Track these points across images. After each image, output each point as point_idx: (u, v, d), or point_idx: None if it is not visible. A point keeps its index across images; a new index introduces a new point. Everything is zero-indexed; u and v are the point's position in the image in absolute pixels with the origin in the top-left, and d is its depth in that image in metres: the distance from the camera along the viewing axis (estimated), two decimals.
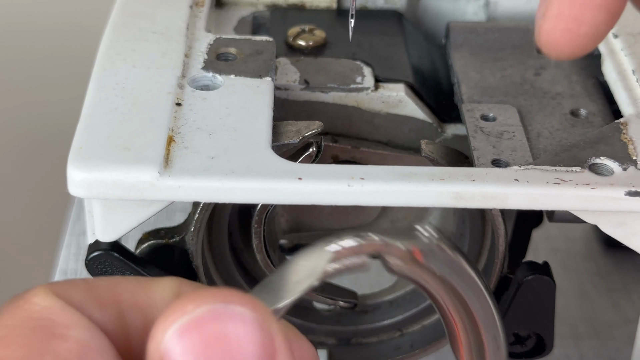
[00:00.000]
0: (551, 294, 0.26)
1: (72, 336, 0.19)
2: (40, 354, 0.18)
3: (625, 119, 0.27)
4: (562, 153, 0.26)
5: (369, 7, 0.33)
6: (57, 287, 0.20)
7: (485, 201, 0.24)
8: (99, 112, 0.25)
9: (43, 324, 0.19)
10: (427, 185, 0.23)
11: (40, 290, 0.20)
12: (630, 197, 0.24)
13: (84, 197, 0.23)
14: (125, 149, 0.23)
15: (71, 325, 0.19)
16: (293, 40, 0.30)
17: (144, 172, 0.23)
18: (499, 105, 0.28)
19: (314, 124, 0.26)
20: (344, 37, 0.30)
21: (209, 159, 0.23)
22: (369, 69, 0.29)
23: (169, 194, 0.23)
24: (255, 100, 0.26)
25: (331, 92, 0.28)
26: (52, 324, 0.19)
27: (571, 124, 0.27)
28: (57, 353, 0.18)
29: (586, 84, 0.29)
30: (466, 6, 0.33)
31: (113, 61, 0.27)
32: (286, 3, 0.32)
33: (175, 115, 0.25)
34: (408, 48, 0.30)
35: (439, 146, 0.27)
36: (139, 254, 0.26)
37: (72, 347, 0.18)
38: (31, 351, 0.18)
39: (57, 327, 0.19)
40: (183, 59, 0.27)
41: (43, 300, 0.19)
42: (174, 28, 0.28)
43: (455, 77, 0.29)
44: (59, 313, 0.19)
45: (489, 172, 0.24)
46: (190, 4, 0.30)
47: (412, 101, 0.28)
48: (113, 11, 0.29)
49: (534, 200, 0.24)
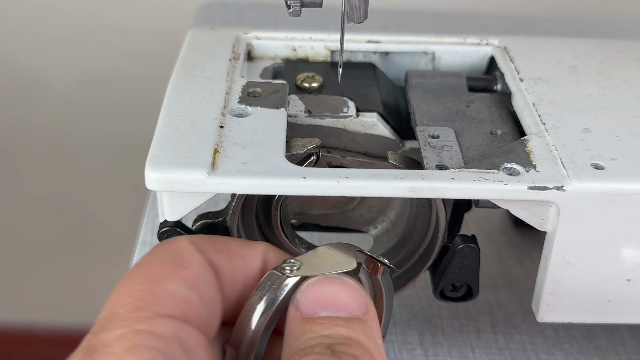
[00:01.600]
0: (477, 257, 0.26)
1: (192, 269, 0.20)
2: (169, 275, 0.19)
3: (528, 136, 0.27)
4: (484, 160, 0.26)
5: (352, 60, 0.33)
6: (192, 237, 0.21)
7: (432, 193, 0.24)
8: (167, 131, 0.25)
9: (176, 257, 0.20)
10: (392, 182, 0.23)
11: (182, 238, 0.21)
12: (531, 190, 0.24)
13: (157, 190, 0.23)
14: (185, 157, 0.23)
15: (194, 262, 0.20)
16: (300, 83, 0.30)
17: (197, 174, 0.23)
18: (441, 127, 0.28)
19: (314, 140, 0.26)
20: (335, 81, 0.30)
21: (242, 164, 0.23)
22: (352, 102, 0.29)
23: (215, 188, 0.23)
24: (274, 124, 0.26)
25: (326, 118, 0.28)
26: (182, 258, 0.20)
27: (490, 140, 0.27)
28: (179, 276, 0.19)
29: (501, 113, 0.29)
30: (419, 60, 0.33)
31: (177, 97, 0.27)
32: (295, 58, 0.32)
33: (219, 134, 0.25)
34: (379, 88, 0.30)
35: (400, 156, 0.27)
36: (194, 229, 0.26)
37: (190, 275, 0.20)
38: (164, 271, 0.19)
39: (184, 261, 0.20)
40: (225, 95, 0.27)
41: (181, 243, 0.21)
42: (218, 75, 0.28)
43: (411, 108, 0.29)
44: (188, 252, 0.20)
45: (434, 173, 0.24)
46: (230, 57, 0.30)
47: (381, 125, 0.28)
48: (177, 63, 0.29)
49: (465, 193, 0.24)
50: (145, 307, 0.18)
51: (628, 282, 0.25)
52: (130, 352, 0.17)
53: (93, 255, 0.98)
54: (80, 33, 0.81)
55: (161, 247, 0.21)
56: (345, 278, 0.20)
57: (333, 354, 0.18)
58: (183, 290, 0.19)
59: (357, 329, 0.19)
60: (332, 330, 0.19)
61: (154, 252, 0.21)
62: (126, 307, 0.18)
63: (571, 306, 0.26)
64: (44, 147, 0.89)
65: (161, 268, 0.20)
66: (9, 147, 0.90)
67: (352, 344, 0.18)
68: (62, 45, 0.82)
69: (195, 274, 0.20)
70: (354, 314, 0.20)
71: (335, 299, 0.20)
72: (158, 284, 0.19)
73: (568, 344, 0.32)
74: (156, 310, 0.18)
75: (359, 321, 0.19)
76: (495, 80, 0.31)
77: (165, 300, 0.19)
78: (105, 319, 0.18)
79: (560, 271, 0.25)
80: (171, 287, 0.19)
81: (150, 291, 0.19)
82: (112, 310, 0.18)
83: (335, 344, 0.18)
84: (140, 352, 0.17)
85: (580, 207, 0.24)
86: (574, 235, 0.24)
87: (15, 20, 0.81)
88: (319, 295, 0.20)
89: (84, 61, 0.83)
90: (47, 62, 0.83)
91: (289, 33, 0.32)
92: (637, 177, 0.24)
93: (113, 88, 0.84)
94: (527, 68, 0.31)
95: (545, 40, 0.33)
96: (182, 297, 0.19)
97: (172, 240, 0.21)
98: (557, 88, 0.29)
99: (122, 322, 0.18)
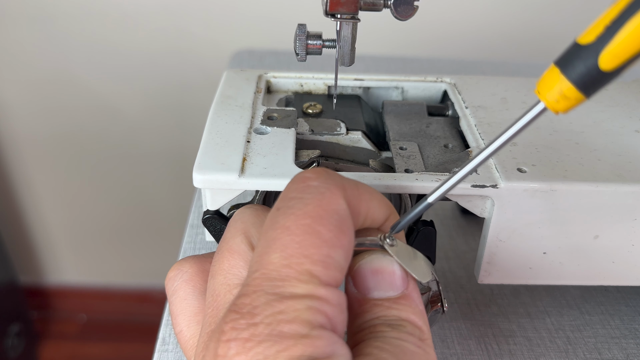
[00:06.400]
0: (434, 236, 0.26)
1: (350, 236, 0.16)
2: (335, 243, 0.15)
3: (471, 148, 0.27)
4: (440, 166, 0.25)
5: (343, 93, 0.33)
6: (345, 196, 0.17)
7: (401, 190, 0.24)
8: (209, 145, 0.25)
9: (341, 221, 0.16)
10: (372, 182, 0.23)
11: (340, 197, 0.16)
12: (473, 187, 0.24)
13: (201, 187, 0.23)
14: (222, 164, 0.23)
15: (351, 228, 0.16)
16: (305, 110, 0.30)
17: (231, 176, 0.23)
18: (408, 142, 0.28)
19: (316, 151, 0.26)
20: (331, 108, 0.30)
21: (263, 169, 0.23)
22: (343, 124, 0.29)
23: (243, 186, 0.23)
24: (286, 140, 0.26)
25: (324, 135, 0.28)
26: (343, 222, 0.16)
27: (444, 152, 0.27)
28: (342, 244, 0.15)
29: (452, 131, 0.29)
30: (392, 93, 0.33)
31: (216, 120, 0.27)
32: (302, 91, 0.32)
33: (247, 147, 0.25)
34: (363, 113, 0.30)
35: (379, 162, 0.27)
36: (229, 216, 0.26)
37: (348, 244, 0.16)
38: (334, 235, 0.15)
39: (345, 226, 0.16)
40: (250, 119, 0.27)
41: (342, 205, 0.16)
42: (246, 103, 0.28)
43: (386, 128, 0.29)
44: (347, 217, 0.16)
45: (402, 175, 0.24)
46: (254, 91, 0.30)
47: (364, 140, 0.28)
48: (216, 95, 0.29)
49: (425, 189, 0.24)
50: (319, 274, 0.15)
51: (544, 254, 0.25)
52: (308, 313, 0.14)
53: (155, 234, 0.98)
54: (145, 71, 0.81)
55: (326, 200, 0.16)
56: (389, 257, 0.17)
57: (392, 329, 0.16)
58: (343, 261, 0.16)
59: (404, 305, 0.17)
60: (385, 312, 0.16)
61: (321, 204, 0.16)
62: (300, 267, 0.15)
63: (502, 272, 0.26)
64: (120, 156, 0.89)
65: (331, 231, 0.15)
66: (94, 156, 0.90)
67: (403, 323, 0.16)
68: (132, 80, 0.82)
69: (350, 242, 0.16)
70: (399, 290, 0.17)
71: (382, 279, 0.17)
72: (329, 251, 0.15)
73: (500, 299, 0.32)
74: (326, 280, 0.15)
75: (405, 297, 0.17)
76: (447, 107, 0.31)
77: (334, 270, 0.15)
78: (284, 271, 0.15)
79: (495, 246, 0.25)
80: (337, 256, 0.15)
81: (324, 261, 0.15)
82: (288, 260, 0.15)
83: (390, 322, 0.16)
84: (316, 316, 0.14)
85: (509, 200, 0.24)
86: (505, 221, 0.24)
87: (99, 60, 0.81)
88: (369, 274, 0.17)
89: (148, 93, 0.83)
90: (120, 93, 0.83)
91: (297, 73, 0.32)
92: (550, 179, 0.24)
93: (170, 113, 0.85)
94: (471, 99, 0.31)
95: (484, 79, 0.33)
96: (343, 267, 0.15)
97: (331, 197, 0.16)
98: (493, 113, 0.29)
99: (302, 283, 0.14)
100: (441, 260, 0.34)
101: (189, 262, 0.20)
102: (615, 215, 0.24)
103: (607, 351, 0.29)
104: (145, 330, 1.02)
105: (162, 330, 0.30)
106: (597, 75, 0.15)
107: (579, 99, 0.15)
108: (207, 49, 0.79)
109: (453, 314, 0.31)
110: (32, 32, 0.78)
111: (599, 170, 0.25)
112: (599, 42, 0.15)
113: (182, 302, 0.19)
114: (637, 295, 0.33)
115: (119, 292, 1.05)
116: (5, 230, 0.97)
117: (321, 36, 0.26)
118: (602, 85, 0.15)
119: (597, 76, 0.15)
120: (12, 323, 0.92)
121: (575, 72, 0.15)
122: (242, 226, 0.18)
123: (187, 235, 0.36)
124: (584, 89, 0.15)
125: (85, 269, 1.04)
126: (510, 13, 0.76)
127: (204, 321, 0.17)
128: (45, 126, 0.86)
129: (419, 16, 0.34)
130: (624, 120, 0.29)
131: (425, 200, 0.18)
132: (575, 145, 0.27)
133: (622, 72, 0.15)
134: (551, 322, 0.31)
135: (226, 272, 0.17)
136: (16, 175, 0.92)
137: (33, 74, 0.81)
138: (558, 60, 0.16)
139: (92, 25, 0.77)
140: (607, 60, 0.15)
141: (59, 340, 1.03)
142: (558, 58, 0.16)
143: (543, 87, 0.16)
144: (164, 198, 0.93)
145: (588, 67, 0.15)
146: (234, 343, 0.14)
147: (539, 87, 0.16)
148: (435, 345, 0.29)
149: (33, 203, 0.95)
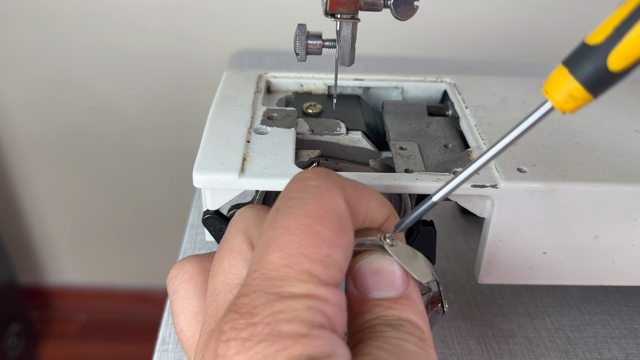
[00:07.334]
0: (434, 236, 0.26)
1: (349, 235, 0.16)
2: (335, 242, 0.15)
3: (471, 148, 0.27)
4: (439, 166, 0.25)
5: (344, 93, 0.33)
6: (345, 196, 0.16)
7: (401, 190, 0.24)
8: (209, 145, 0.25)
9: (340, 220, 0.16)
10: (372, 182, 0.23)
11: (339, 196, 0.16)
12: (473, 187, 0.24)
13: (201, 187, 0.23)
14: (222, 164, 0.23)
15: (350, 227, 0.16)
16: (305, 109, 0.30)
17: (231, 175, 0.23)
18: (408, 141, 0.28)
19: (316, 151, 0.26)
20: (331, 108, 0.30)
21: (263, 168, 0.23)
22: (343, 124, 0.29)
23: (243, 186, 0.23)
24: (286, 140, 0.26)
25: (324, 135, 0.28)
26: (343, 222, 0.16)
27: (444, 152, 0.27)
28: (341, 243, 0.15)
29: (452, 131, 0.29)
30: (392, 93, 0.33)
31: (216, 120, 0.27)
32: (302, 91, 0.32)
33: (246, 147, 0.25)
34: (363, 113, 0.30)
35: (379, 162, 0.27)
36: (228, 216, 0.26)
37: (347, 243, 0.16)
38: (334, 235, 0.15)
39: (345, 225, 0.16)
40: (250, 119, 0.27)
41: (342, 204, 0.16)
42: (246, 104, 0.28)
43: (386, 128, 0.29)
44: (346, 217, 0.16)
45: (402, 175, 0.24)
46: (254, 91, 0.30)
47: (364, 140, 0.28)
48: (216, 95, 0.29)
49: (425, 189, 0.24)
50: (319, 273, 0.15)
51: (544, 254, 0.25)
52: (307, 312, 0.14)
53: (155, 234, 0.98)
54: (145, 72, 0.81)
55: (326, 200, 0.16)
56: (389, 257, 0.17)
57: (392, 329, 0.16)
58: (343, 261, 0.15)
59: (404, 305, 0.17)
60: (386, 312, 0.16)
61: (320, 204, 0.16)
62: (300, 267, 0.14)
63: (502, 272, 0.26)
64: (121, 156, 0.89)
65: (331, 231, 0.15)
66: (95, 156, 0.90)
67: (403, 323, 0.16)
68: (132, 80, 0.82)
69: (350, 242, 0.16)
70: (399, 290, 0.17)
71: (382, 279, 0.17)
72: (329, 251, 0.15)
73: (500, 299, 0.32)
74: (325, 280, 0.15)
75: (405, 297, 0.17)
76: (447, 107, 0.31)
77: (333, 270, 0.15)
78: (284, 271, 0.14)
79: (495, 246, 0.25)
80: (337, 256, 0.15)
81: (324, 260, 0.15)
82: (287, 260, 0.15)
83: (390, 322, 0.16)
84: (315, 315, 0.14)
85: (509, 200, 0.24)
86: (505, 220, 0.24)
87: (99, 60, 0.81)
88: (369, 274, 0.17)
89: (148, 93, 0.83)
90: (120, 93, 0.83)
91: (297, 73, 0.32)
92: (550, 179, 0.24)
93: (170, 113, 0.85)
94: (471, 99, 0.31)
95: (484, 79, 0.33)
96: (342, 267, 0.15)
97: (331, 197, 0.16)
98: (492, 113, 0.29)
99: (301, 283, 0.14)
100: (441, 260, 0.34)
101: (190, 261, 0.20)
102: (615, 215, 0.24)
103: (607, 351, 0.29)
104: (145, 330, 1.02)
105: (162, 330, 0.30)
106: (605, 75, 0.15)
107: (586, 99, 0.16)
108: (207, 49, 0.78)
109: (453, 314, 0.31)
110: (32, 32, 0.78)
111: (599, 170, 0.25)
112: (608, 42, 0.15)
113: (183, 301, 0.19)
114: (637, 295, 0.33)
115: (119, 292, 1.05)
116: (5, 230, 0.97)
117: (321, 36, 0.26)
118: (610, 86, 0.15)
119: (605, 76, 0.15)
120: (12, 323, 0.92)
121: (583, 72, 0.15)
122: (243, 226, 0.18)
123: (187, 235, 0.36)
124: (592, 89, 0.15)
125: (85, 269, 1.04)
126: (510, 13, 0.76)
127: (204, 320, 0.17)
128: (45, 126, 0.86)
129: (419, 16, 0.34)
130: (624, 120, 0.29)
131: (430, 199, 0.18)
132: (575, 145, 0.27)
133: (631, 72, 0.15)
134: (551, 322, 0.31)
135: (226, 272, 0.17)
136: (16, 175, 0.92)
137: (33, 74, 0.81)
138: (566, 60, 0.16)
139: (92, 26, 0.77)
140: (616, 61, 0.15)
141: (59, 340, 1.03)
142: (566, 58, 0.16)
143: (551, 86, 0.16)
144: (164, 198, 0.93)
145: (597, 68, 0.15)
146: (233, 343, 0.14)
147: (547, 86, 0.16)
148: (435, 345, 0.29)
149: (33, 203, 0.95)
